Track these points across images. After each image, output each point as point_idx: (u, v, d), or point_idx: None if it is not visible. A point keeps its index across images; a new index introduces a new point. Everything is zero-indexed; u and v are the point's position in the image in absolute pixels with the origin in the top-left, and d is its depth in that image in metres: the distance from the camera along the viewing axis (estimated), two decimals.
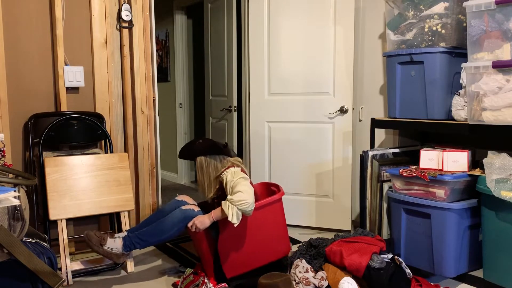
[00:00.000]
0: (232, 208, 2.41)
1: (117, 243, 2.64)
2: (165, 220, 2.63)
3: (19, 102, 2.87)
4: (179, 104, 5.67)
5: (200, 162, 2.68)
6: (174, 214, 2.63)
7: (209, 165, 2.67)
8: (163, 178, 5.62)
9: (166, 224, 2.62)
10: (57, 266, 2.17)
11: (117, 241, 2.65)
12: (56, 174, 2.78)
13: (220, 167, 2.67)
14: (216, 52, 4.56)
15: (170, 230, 2.61)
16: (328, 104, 3.65)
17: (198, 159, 2.68)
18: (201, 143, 2.69)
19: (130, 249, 2.66)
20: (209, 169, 2.67)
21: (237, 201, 2.41)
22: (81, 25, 3.05)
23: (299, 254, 2.75)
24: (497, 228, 2.46)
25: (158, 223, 2.64)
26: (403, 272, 2.45)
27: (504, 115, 2.40)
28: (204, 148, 2.67)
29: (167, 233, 2.62)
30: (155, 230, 2.63)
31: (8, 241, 1.82)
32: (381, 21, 3.47)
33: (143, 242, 2.65)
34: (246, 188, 2.47)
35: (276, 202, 2.72)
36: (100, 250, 2.62)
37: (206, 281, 2.42)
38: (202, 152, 2.67)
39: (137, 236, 2.64)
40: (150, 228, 2.65)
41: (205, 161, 2.67)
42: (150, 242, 2.66)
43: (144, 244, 2.66)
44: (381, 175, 3.02)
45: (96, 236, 2.63)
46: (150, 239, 2.64)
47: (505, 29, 2.38)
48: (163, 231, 2.62)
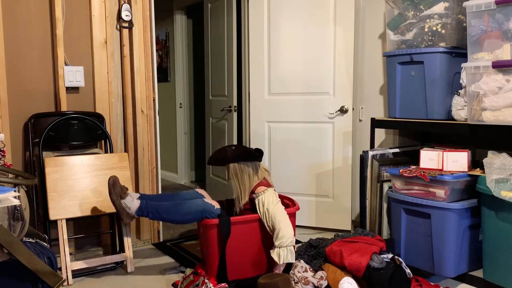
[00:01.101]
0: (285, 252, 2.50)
1: (135, 204, 2.60)
2: (185, 204, 2.63)
3: (19, 102, 2.87)
4: (179, 104, 5.67)
5: (234, 169, 2.69)
6: (196, 202, 2.63)
7: (243, 173, 2.68)
8: (163, 178, 5.63)
9: (185, 208, 2.61)
10: (57, 266, 2.17)
11: (135, 201, 2.61)
12: (56, 174, 2.78)
13: (253, 175, 2.69)
14: (216, 52, 4.56)
15: (186, 215, 2.61)
16: (328, 104, 3.65)
17: (231, 165, 2.69)
18: (234, 150, 2.70)
19: (142, 214, 2.62)
20: (243, 176, 2.68)
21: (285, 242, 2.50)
22: (81, 25, 3.05)
23: (297, 255, 2.75)
24: (497, 228, 2.46)
25: (178, 204, 2.64)
26: (403, 272, 2.45)
27: (504, 115, 2.40)
28: (237, 154, 2.68)
29: (182, 217, 2.61)
30: (172, 209, 2.62)
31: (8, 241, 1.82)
32: (381, 21, 3.47)
33: (157, 215, 2.62)
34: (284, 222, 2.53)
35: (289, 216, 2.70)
36: (117, 201, 2.58)
37: (206, 281, 2.42)
38: (235, 158, 2.68)
39: (154, 207, 2.62)
40: (169, 205, 2.64)
41: (239, 168, 2.68)
42: (163, 218, 2.63)
43: (156, 216, 2.63)
44: (381, 175, 3.02)
45: (120, 187, 2.60)
46: (164, 215, 2.62)
47: (505, 29, 2.38)
48: (179, 213, 2.61)
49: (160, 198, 2.76)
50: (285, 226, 2.54)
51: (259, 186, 2.68)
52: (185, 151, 5.76)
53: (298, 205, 2.80)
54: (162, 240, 3.49)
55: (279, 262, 2.51)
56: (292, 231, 2.55)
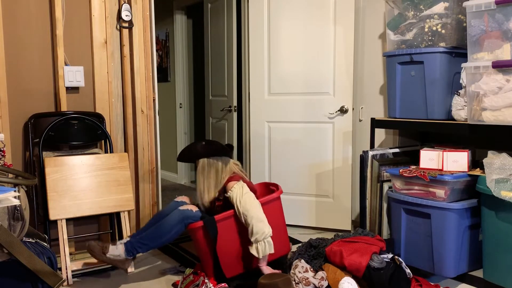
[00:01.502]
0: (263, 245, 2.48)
1: (119, 249, 2.61)
2: (164, 222, 2.61)
3: (19, 102, 2.87)
4: (179, 104, 5.67)
5: (202, 165, 2.65)
6: (172, 216, 2.61)
7: (211, 168, 2.64)
8: (163, 178, 5.62)
9: (166, 226, 2.60)
10: (57, 266, 2.16)
11: (119, 247, 2.62)
12: (56, 174, 2.78)
13: (221, 171, 2.64)
14: (216, 52, 4.56)
15: (169, 232, 2.59)
16: (328, 104, 3.65)
17: (201, 161, 2.65)
18: (204, 145, 2.65)
19: (133, 254, 2.64)
20: (210, 172, 2.64)
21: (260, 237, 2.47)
22: (81, 25, 3.05)
23: (297, 255, 2.75)
24: (497, 228, 2.46)
25: (158, 226, 2.62)
26: (403, 272, 2.45)
27: (504, 115, 2.40)
28: (207, 149, 2.64)
29: (167, 235, 2.60)
30: (155, 233, 2.61)
31: (8, 241, 1.82)
32: (381, 21, 3.47)
33: (145, 246, 2.62)
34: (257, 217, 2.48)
35: (274, 201, 2.71)
36: (104, 258, 2.60)
37: (206, 281, 2.42)
38: (204, 154, 2.64)
39: (138, 241, 2.62)
40: (150, 231, 2.63)
41: (207, 163, 2.64)
42: (152, 246, 2.64)
43: (145, 248, 2.63)
44: (381, 175, 3.02)
45: (98, 246, 2.61)
46: (151, 243, 2.62)
47: (505, 29, 2.38)
48: (163, 233, 2.60)
49: (146, 228, 2.74)
50: (257, 221, 2.48)
51: (229, 181, 2.63)
52: None
53: (281, 189, 2.77)
54: None
55: (259, 256, 2.50)
56: (265, 224, 2.49)
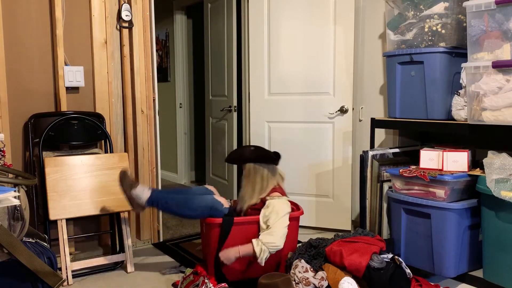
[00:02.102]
0: (264, 251, 2.48)
1: (145, 194, 2.63)
2: (196, 199, 2.65)
3: (19, 102, 2.87)
4: (179, 104, 5.67)
5: (249, 169, 2.69)
6: (206, 198, 2.65)
7: (256, 174, 2.68)
8: (163, 178, 5.62)
9: (195, 203, 2.63)
10: (57, 266, 2.17)
11: (145, 193, 2.64)
12: (56, 174, 2.78)
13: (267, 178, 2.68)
14: (216, 52, 4.56)
15: (195, 210, 2.63)
16: (328, 104, 3.65)
17: (247, 165, 2.69)
18: (252, 150, 2.71)
19: (152, 205, 2.66)
20: (256, 177, 2.68)
21: (269, 244, 2.49)
22: (81, 25, 3.05)
23: (298, 254, 2.75)
24: (497, 228, 2.46)
25: (188, 198, 2.66)
26: (403, 272, 2.45)
27: (504, 115, 2.40)
28: (254, 155, 2.68)
29: (189, 212, 2.63)
30: (182, 203, 2.64)
31: (8, 241, 1.82)
32: (381, 21, 3.47)
33: (166, 206, 2.65)
34: (281, 231, 2.53)
35: (294, 220, 2.71)
36: (128, 191, 2.62)
37: (206, 281, 2.42)
38: (251, 159, 2.68)
39: (163, 198, 2.65)
40: (179, 198, 2.66)
41: (253, 168, 2.68)
42: (173, 211, 2.66)
43: (165, 208, 2.65)
44: (381, 175, 3.02)
45: (130, 178, 2.65)
46: (174, 208, 2.64)
47: (505, 29, 2.38)
48: (189, 207, 2.63)
49: (173, 191, 2.79)
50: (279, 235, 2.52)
51: (274, 191, 2.69)
52: (185, 151, 5.76)
53: (302, 210, 2.78)
54: (162, 240, 3.49)
55: (258, 257, 2.49)
56: (280, 245, 2.53)
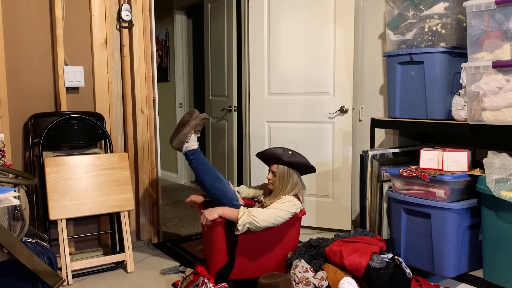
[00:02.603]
0: (247, 216, 2.51)
1: (193, 144, 2.76)
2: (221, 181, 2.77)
3: (19, 102, 2.86)
4: (179, 104, 5.67)
5: (283, 171, 2.76)
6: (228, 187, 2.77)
7: (290, 178, 2.76)
8: (163, 178, 5.62)
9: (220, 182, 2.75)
10: (57, 266, 2.17)
11: (195, 143, 2.76)
12: (56, 174, 2.78)
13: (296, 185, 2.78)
14: (216, 52, 4.56)
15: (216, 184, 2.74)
16: (328, 104, 3.65)
17: (281, 167, 2.76)
18: (290, 155, 2.77)
19: (189, 157, 2.77)
20: (288, 182, 2.76)
21: (254, 216, 2.51)
22: (81, 25, 3.05)
23: (298, 254, 2.75)
24: (497, 228, 2.46)
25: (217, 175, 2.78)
26: (403, 272, 2.45)
27: (504, 115, 2.40)
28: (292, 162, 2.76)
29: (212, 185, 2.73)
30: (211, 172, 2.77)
31: (8, 241, 1.82)
32: (381, 21, 3.47)
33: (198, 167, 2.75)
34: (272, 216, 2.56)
35: (296, 220, 2.75)
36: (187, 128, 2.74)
37: (206, 281, 2.42)
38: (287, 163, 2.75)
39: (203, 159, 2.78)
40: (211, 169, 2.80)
41: (287, 172, 2.76)
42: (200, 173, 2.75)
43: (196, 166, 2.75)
44: (381, 175, 3.02)
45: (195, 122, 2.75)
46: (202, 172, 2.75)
47: (505, 29, 2.38)
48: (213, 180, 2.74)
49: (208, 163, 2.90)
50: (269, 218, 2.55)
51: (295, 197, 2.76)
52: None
53: (304, 210, 2.82)
54: (162, 240, 3.49)
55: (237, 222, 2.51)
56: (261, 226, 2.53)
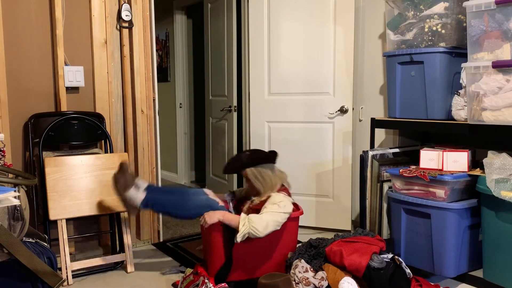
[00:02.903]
0: (247, 227, 2.45)
1: (139, 197, 2.61)
2: (190, 200, 2.64)
3: (19, 102, 2.87)
4: (179, 104, 5.67)
5: (253, 173, 2.67)
6: (200, 198, 2.65)
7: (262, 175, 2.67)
8: (163, 178, 5.62)
9: (189, 204, 2.63)
10: (57, 266, 2.17)
11: (139, 195, 2.61)
12: (56, 174, 2.78)
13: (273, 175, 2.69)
14: (216, 52, 4.56)
15: (189, 210, 2.62)
16: (328, 104, 3.65)
17: (248, 171, 2.67)
18: (249, 155, 2.70)
19: (146, 207, 2.64)
20: (265, 177, 2.68)
21: (254, 226, 2.46)
22: (81, 25, 3.05)
23: (298, 254, 2.75)
24: (497, 228, 2.46)
25: (182, 199, 2.65)
26: (403, 272, 2.45)
27: (504, 115, 2.40)
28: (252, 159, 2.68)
29: (184, 212, 2.63)
30: (177, 204, 2.63)
31: (8, 241, 1.82)
32: (381, 21, 3.47)
33: (161, 208, 2.65)
34: (271, 222, 2.49)
35: (294, 220, 2.71)
36: (121, 194, 2.60)
37: (206, 281, 2.42)
38: (252, 163, 2.67)
39: (159, 200, 2.63)
40: (173, 199, 2.65)
41: (257, 171, 2.67)
42: (168, 212, 2.65)
43: (160, 210, 2.67)
44: (381, 175, 3.02)
45: (123, 181, 2.61)
46: (169, 210, 2.64)
47: (505, 29, 2.38)
48: (183, 208, 2.62)
49: (167, 192, 2.75)
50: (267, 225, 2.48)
51: (282, 191, 2.70)
52: (185, 151, 5.76)
53: (302, 210, 2.78)
54: (162, 240, 3.49)
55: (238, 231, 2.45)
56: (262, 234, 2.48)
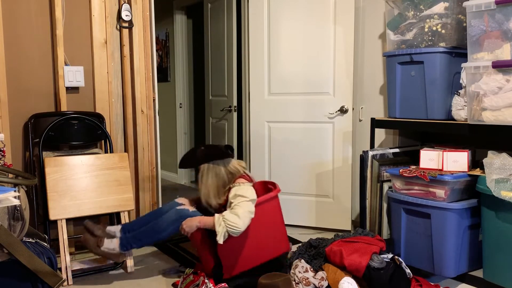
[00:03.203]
0: (223, 228, 2.39)
1: (114, 243, 2.64)
2: (161, 220, 2.62)
3: (19, 102, 2.87)
4: (179, 104, 5.67)
5: (202, 171, 2.61)
6: (169, 215, 2.62)
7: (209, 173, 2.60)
8: (163, 178, 5.62)
9: (162, 224, 2.61)
10: (57, 266, 2.17)
11: (114, 241, 2.64)
12: (56, 174, 2.78)
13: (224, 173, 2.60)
14: (216, 52, 4.56)
15: (165, 230, 2.61)
16: (328, 104, 3.65)
17: (202, 167, 2.60)
18: (203, 150, 2.62)
19: (127, 248, 2.67)
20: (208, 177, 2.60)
21: (230, 223, 2.39)
22: (81, 25, 3.05)
23: (298, 254, 2.75)
24: (497, 228, 2.46)
25: (154, 223, 2.64)
26: (403, 272, 2.45)
27: (504, 115, 2.40)
28: (206, 154, 2.60)
29: (162, 233, 2.61)
30: (151, 230, 2.63)
31: (8, 241, 1.82)
32: (381, 21, 3.47)
33: (140, 242, 2.66)
34: (245, 214, 2.43)
35: (272, 199, 2.68)
36: (98, 251, 2.63)
37: (206, 281, 2.42)
38: (204, 159, 2.60)
39: (134, 236, 2.64)
40: (146, 228, 2.65)
41: (207, 169, 2.60)
42: (146, 242, 2.67)
43: (140, 243, 2.67)
44: (381, 175, 3.02)
45: (93, 238, 2.63)
46: (146, 239, 2.65)
47: (505, 29, 2.38)
48: (158, 231, 2.61)
49: (142, 221, 2.72)
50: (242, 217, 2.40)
51: (239, 178, 2.60)
52: (185, 151, 5.74)
53: (279, 188, 2.73)
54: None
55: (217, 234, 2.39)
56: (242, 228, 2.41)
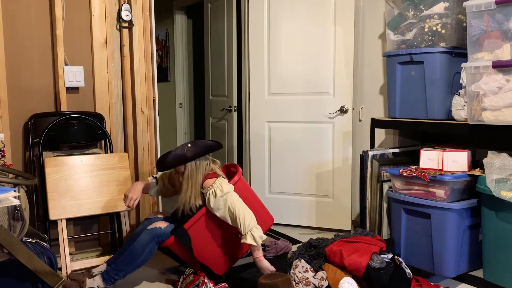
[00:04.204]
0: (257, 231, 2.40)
1: (97, 281, 2.54)
2: (135, 245, 2.55)
3: (19, 102, 2.86)
4: (179, 104, 5.67)
5: (191, 169, 2.51)
6: (142, 237, 2.55)
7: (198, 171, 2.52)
8: None
9: (137, 248, 2.54)
10: (57, 266, 2.17)
11: (96, 279, 2.55)
12: (56, 174, 2.78)
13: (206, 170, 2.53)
14: (216, 52, 4.56)
15: (142, 253, 2.53)
16: (328, 104, 3.65)
17: (188, 165, 2.50)
18: (191, 147, 2.51)
19: (112, 282, 2.56)
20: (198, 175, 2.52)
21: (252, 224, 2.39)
22: (81, 25, 3.05)
23: (298, 254, 2.75)
24: (497, 228, 2.46)
25: (129, 250, 2.56)
26: (403, 272, 2.45)
27: (504, 115, 2.40)
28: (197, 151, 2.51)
29: (140, 257, 2.53)
30: (128, 257, 2.55)
31: (8, 241, 1.82)
32: (381, 21, 3.47)
33: (121, 272, 2.56)
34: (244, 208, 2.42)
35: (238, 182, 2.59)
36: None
37: (206, 281, 2.42)
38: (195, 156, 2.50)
39: (114, 268, 2.56)
40: (124, 256, 2.57)
41: (195, 166, 2.52)
42: (128, 271, 2.56)
43: (122, 273, 2.56)
44: (381, 175, 3.02)
45: (75, 283, 2.53)
46: (126, 268, 2.55)
47: (505, 29, 2.38)
48: (136, 256, 2.53)
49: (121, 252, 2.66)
50: (247, 211, 2.41)
51: (206, 180, 2.51)
52: None
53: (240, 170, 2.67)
54: None
55: (257, 243, 2.40)
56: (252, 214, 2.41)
